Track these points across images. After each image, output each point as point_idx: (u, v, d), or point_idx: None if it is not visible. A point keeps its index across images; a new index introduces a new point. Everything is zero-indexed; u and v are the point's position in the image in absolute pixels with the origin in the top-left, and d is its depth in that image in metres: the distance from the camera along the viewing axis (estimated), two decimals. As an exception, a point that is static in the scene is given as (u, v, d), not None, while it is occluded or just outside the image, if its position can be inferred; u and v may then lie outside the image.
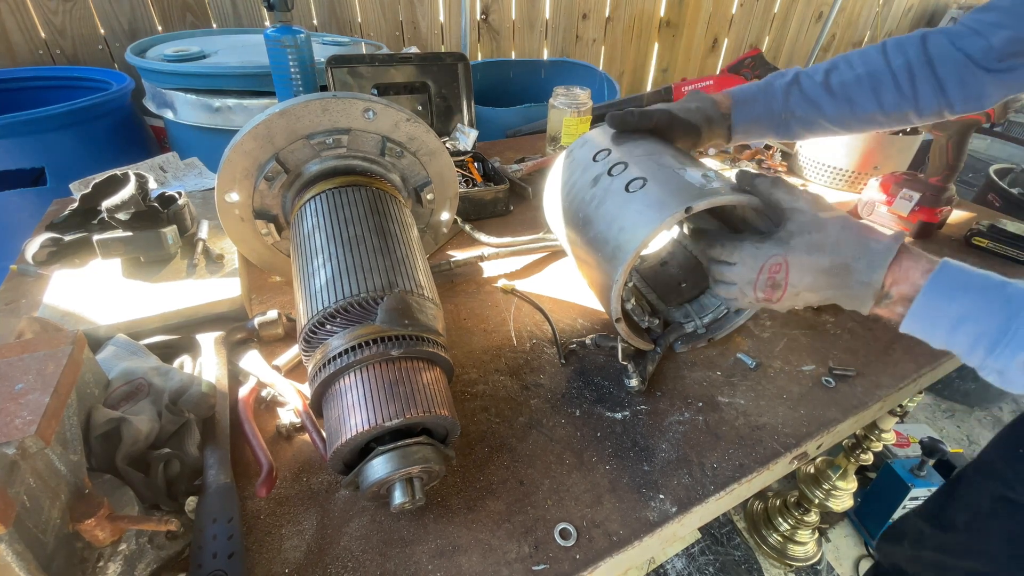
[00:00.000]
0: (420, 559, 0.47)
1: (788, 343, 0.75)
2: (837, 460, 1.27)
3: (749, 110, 0.70)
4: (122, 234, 0.70)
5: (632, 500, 0.52)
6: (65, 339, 0.43)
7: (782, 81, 0.69)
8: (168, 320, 0.65)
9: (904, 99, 0.66)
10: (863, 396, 0.67)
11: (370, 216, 0.57)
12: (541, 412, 0.61)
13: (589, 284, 0.71)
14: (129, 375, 0.53)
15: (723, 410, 0.63)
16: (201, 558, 0.42)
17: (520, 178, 1.12)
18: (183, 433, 0.50)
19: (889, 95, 0.66)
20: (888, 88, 0.66)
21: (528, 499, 0.52)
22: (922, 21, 3.77)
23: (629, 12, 2.55)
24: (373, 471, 0.44)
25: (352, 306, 0.49)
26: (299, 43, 1.06)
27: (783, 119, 0.70)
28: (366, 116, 0.61)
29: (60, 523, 0.38)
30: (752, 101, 0.70)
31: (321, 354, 0.49)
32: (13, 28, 1.50)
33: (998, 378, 0.44)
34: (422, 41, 2.14)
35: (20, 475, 0.36)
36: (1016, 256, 0.98)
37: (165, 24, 1.70)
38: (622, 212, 0.58)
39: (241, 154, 0.58)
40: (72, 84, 1.49)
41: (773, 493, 1.48)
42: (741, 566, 1.39)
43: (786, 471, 0.62)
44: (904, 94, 0.66)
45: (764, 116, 0.70)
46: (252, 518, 0.49)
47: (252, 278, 0.80)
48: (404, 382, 0.46)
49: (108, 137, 1.31)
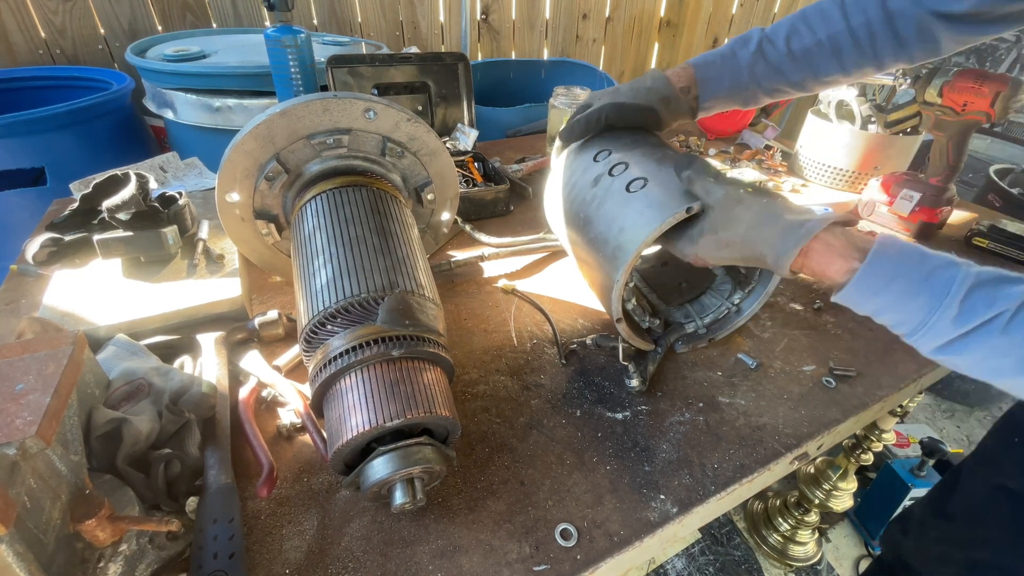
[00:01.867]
0: (421, 559, 0.46)
1: (789, 343, 0.75)
2: (837, 460, 1.27)
3: (716, 87, 0.69)
4: (122, 234, 0.70)
5: (633, 500, 0.52)
6: (66, 339, 0.43)
7: (746, 52, 0.68)
8: (168, 320, 0.65)
9: (865, 58, 0.66)
10: (864, 396, 0.67)
11: (371, 216, 0.57)
12: (542, 412, 0.61)
13: (590, 284, 0.71)
14: (130, 375, 0.53)
15: (724, 410, 0.63)
16: (202, 559, 0.42)
17: (520, 178, 1.12)
18: (184, 433, 0.50)
19: (850, 56, 0.66)
20: (849, 50, 0.65)
21: (529, 499, 0.52)
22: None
23: (629, 12, 2.55)
24: (374, 471, 0.44)
25: (353, 306, 0.49)
26: (299, 43, 1.06)
27: (750, 92, 0.70)
28: (367, 116, 0.61)
29: (61, 524, 0.38)
30: (718, 79, 0.69)
31: (322, 354, 0.48)
32: (13, 28, 1.50)
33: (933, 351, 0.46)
34: (422, 41, 2.14)
35: (21, 476, 0.35)
36: (1017, 256, 0.98)
37: (165, 24, 1.70)
38: (623, 212, 0.58)
39: (242, 154, 0.58)
40: (72, 84, 1.49)
41: (773, 493, 1.48)
42: (741, 566, 1.39)
43: (787, 471, 0.62)
44: (865, 53, 0.65)
45: (731, 91, 0.70)
46: (253, 518, 0.49)
47: (252, 278, 0.80)
48: (405, 382, 0.46)
49: (108, 137, 1.31)
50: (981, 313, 0.41)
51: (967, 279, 0.42)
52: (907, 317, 0.45)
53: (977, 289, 0.42)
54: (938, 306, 0.43)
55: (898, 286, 0.45)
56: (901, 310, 0.45)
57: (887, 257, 0.46)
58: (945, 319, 0.42)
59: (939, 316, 0.43)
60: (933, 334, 0.44)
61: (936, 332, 0.43)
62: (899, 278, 0.45)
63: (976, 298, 0.41)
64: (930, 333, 0.44)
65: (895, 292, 0.45)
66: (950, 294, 0.42)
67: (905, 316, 0.45)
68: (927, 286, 0.43)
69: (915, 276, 0.44)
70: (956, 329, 0.42)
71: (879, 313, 0.47)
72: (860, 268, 0.46)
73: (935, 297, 0.43)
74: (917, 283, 0.44)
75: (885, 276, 0.45)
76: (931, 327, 0.43)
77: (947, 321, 0.42)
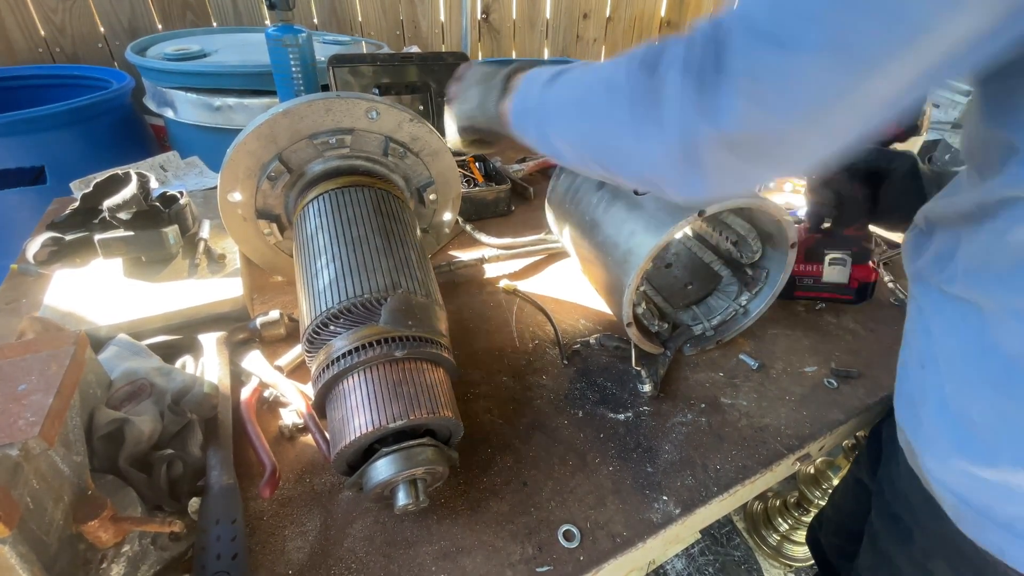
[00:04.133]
0: (424, 560, 0.46)
1: (790, 344, 0.75)
2: (837, 461, 1.27)
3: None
4: (123, 234, 0.69)
5: (635, 501, 0.52)
6: (67, 339, 0.43)
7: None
8: (170, 320, 0.65)
9: None
10: (865, 397, 0.67)
11: (373, 216, 0.57)
12: (544, 413, 0.61)
13: (597, 288, 0.71)
14: (131, 375, 0.53)
15: (726, 411, 0.63)
16: (205, 559, 0.42)
17: (521, 178, 1.12)
18: (186, 434, 0.50)
19: None
20: None
21: (531, 500, 0.52)
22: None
23: (630, 12, 2.55)
24: (377, 472, 0.44)
25: (356, 307, 0.49)
26: (301, 42, 1.06)
27: None
28: (369, 116, 0.60)
29: (63, 525, 0.38)
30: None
31: (325, 355, 0.48)
32: (13, 26, 1.49)
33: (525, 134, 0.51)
34: (423, 40, 2.14)
35: (23, 477, 0.35)
36: None
37: (165, 22, 1.70)
38: (632, 216, 0.58)
39: (244, 154, 0.58)
40: (72, 83, 1.49)
41: (773, 493, 1.48)
42: (741, 566, 1.39)
43: (789, 472, 0.62)
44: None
45: None
46: (255, 519, 0.49)
47: (254, 278, 0.79)
48: (408, 383, 0.46)
49: (108, 136, 1.31)
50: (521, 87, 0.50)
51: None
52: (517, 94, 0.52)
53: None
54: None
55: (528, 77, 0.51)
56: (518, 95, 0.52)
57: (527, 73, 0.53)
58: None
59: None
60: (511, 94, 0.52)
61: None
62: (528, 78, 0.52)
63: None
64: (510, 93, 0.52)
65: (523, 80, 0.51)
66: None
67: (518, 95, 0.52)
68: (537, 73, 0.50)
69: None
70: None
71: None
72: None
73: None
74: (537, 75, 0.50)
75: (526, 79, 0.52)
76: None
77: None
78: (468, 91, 0.59)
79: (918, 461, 0.51)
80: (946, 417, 0.45)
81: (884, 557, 0.62)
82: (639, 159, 0.38)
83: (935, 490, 0.49)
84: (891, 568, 0.61)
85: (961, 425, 0.44)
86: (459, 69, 0.63)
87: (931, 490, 0.50)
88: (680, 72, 0.32)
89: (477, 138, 0.61)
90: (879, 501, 0.64)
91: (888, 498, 0.61)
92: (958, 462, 0.45)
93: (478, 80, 0.58)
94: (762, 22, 0.29)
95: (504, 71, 0.55)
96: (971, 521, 0.47)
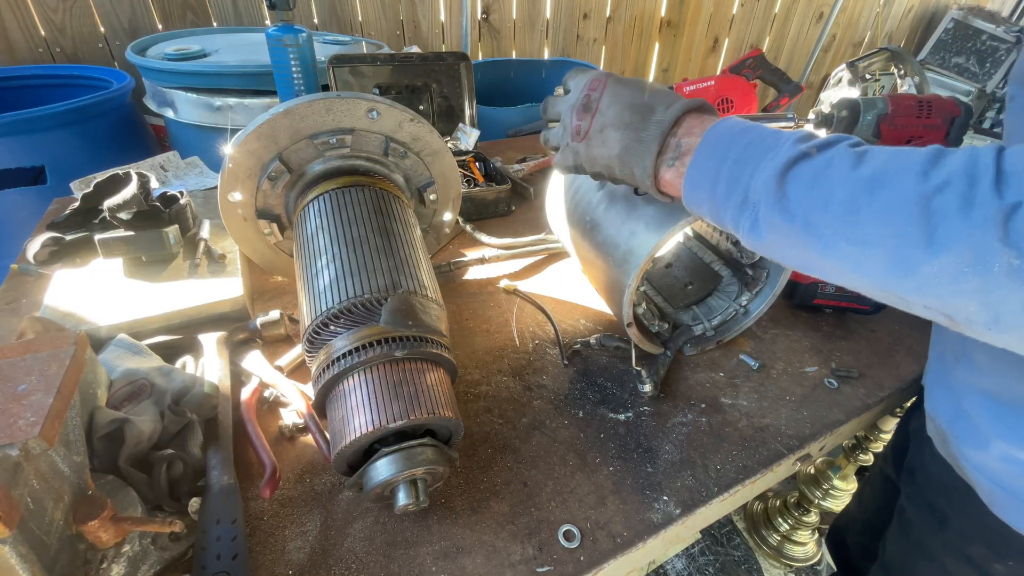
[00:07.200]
0: (424, 561, 0.46)
1: (791, 344, 0.75)
2: (837, 461, 1.27)
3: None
4: (124, 233, 0.69)
5: (636, 502, 0.52)
6: (68, 339, 0.43)
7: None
8: (170, 320, 0.65)
9: None
10: (866, 397, 0.67)
11: (374, 216, 0.57)
12: (544, 413, 0.61)
13: (597, 288, 0.71)
14: (131, 375, 0.53)
15: (726, 411, 0.63)
16: (205, 559, 0.42)
17: (522, 178, 1.12)
18: (186, 434, 0.50)
19: None
20: None
21: (532, 500, 0.52)
22: (922, 22, 3.77)
23: (630, 12, 2.55)
24: (377, 472, 0.44)
25: (356, 307, 0.49)
26: (301, 42, 1.06)
27: None
28: (370, 116, 0.60)
29: (63, 525, 0.38)
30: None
31: (325, 355, 0.48)
32: (13, 26, 1.49)
33: (750, 235, 0.41)
34: (423, 40, 2.13)
35: (24, 477, 0.35)
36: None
37: (166, 22, 1.70)
38: (632, 216, 0.58)
39: (245, 153, 0.58)
40: (72, 82, 1.49)
41: (773, 494, 1.47)
42: (741, 566, 1.39)
43: (789, 472, 0.62)
44: None
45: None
46: (255, 519, 0.49)
47: (254, 278, 0.79)
48: (408, 383, 0.46)
49: (108, 136, 1.31)
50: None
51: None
52: (753, 161, 0.40)
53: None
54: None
55: (753, 132, 0.40)
56: (746, 158, 0.40)
57: (736, 119, 0.42)
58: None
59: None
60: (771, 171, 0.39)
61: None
62: (750, 131, 0.40)
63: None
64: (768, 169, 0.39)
65: (749, 137, 0.40)
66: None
67: (751, 161, 0.40)
68: (774, 133, 0.40)
69: (768, 130, 0.40)
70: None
71: (725, 170, 0.41)
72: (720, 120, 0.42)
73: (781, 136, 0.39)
74: (771, 133, 0.40)
75: (737, 127, 0.41)
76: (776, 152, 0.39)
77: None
78: (606, 132, 0.48)
79: (951, 449, 0.52)
80: (986, 405, 0.47)
81: (917, 545, 0.62)
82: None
83: (970, 476, 0.51)
84: (925, 555, 0.61)
85: (1002, 410, 0.45)
86: (575, 79, 0.51)
87: (966, 476, 0.51)
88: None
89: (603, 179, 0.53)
90: (910, 490, 0.64)
91: (922, 486, 0.61)
92: (998, 444, 0.46)
93: (622, 115, 0.47)
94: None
95: (665, 114, 0.45)
96: (1006, 505, 0.48)
